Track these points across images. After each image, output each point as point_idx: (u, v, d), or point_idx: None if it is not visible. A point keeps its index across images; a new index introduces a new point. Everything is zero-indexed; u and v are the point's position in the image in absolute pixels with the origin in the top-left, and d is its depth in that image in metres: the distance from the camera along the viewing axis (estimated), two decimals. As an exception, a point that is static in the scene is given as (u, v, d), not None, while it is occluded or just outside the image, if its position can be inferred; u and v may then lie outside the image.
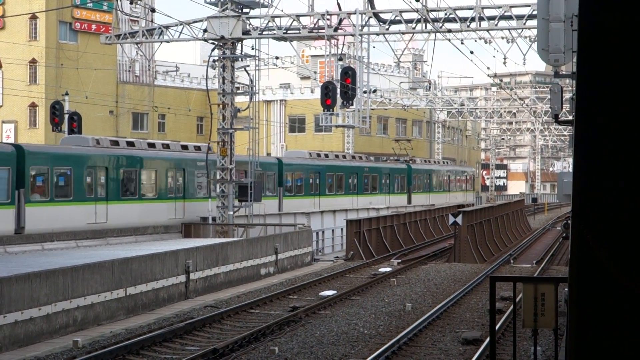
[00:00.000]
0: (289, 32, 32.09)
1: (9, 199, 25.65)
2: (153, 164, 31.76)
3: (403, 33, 31.96)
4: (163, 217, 31.76)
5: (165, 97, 65.74)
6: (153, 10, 32.79)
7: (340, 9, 31.74)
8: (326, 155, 47.00)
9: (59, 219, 27.05)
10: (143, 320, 18.38)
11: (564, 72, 17.96)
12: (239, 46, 32.67)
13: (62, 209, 27.47)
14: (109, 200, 29.36)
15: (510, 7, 29.50)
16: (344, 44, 37.62)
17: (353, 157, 51.10)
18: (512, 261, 33.77)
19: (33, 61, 57.48)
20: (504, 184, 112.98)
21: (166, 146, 33.64)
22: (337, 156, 48.49)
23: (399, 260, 32.16)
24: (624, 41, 2.54)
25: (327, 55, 34.74)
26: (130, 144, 32.15)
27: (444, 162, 69.13)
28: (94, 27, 58.85)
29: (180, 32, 33.27)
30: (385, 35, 31.97)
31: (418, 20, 30.20)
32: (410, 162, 56.92)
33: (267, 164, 38.49)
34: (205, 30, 32.55)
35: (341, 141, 69.44)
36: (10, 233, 25.35)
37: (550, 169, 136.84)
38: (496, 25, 29.88)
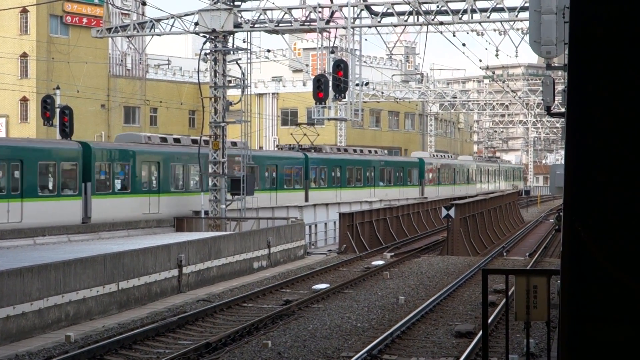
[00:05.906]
0: (280, 25, 32.02)
1: None
2: None
3: (395, 25, 31.92)
4: None
5: (157, 91, 65.58)
6: (144, 4, 32.65)
7: (332, 1, 31.67)
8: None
9: None
10: (136, 314, 18.35)
11: (556, 64, 17.97)
12: (230, 39, 32.60)
13: None
14: None
15: (502, -1, 29.50)
16: (336, 37, 37.52)
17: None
18: (504, 254, 33.81)
19: (24, 55, 57.25)
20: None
21: None
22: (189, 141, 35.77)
23: (392, 254, 32.18)
24: (616, 33, 2.53)
25: (319, 48, 34.63)
26: None
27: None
28: (85, 20, 58.63)
29: (172, 26, 33.18)
30: (377, 27, 31.92)
31: (410, 13, 30.17)
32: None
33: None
34: (196, 24, 32.46)
35: (333, 134, 69.44)
36: None
37: (543, 162, 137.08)
38: (488, 17, 29.87)
